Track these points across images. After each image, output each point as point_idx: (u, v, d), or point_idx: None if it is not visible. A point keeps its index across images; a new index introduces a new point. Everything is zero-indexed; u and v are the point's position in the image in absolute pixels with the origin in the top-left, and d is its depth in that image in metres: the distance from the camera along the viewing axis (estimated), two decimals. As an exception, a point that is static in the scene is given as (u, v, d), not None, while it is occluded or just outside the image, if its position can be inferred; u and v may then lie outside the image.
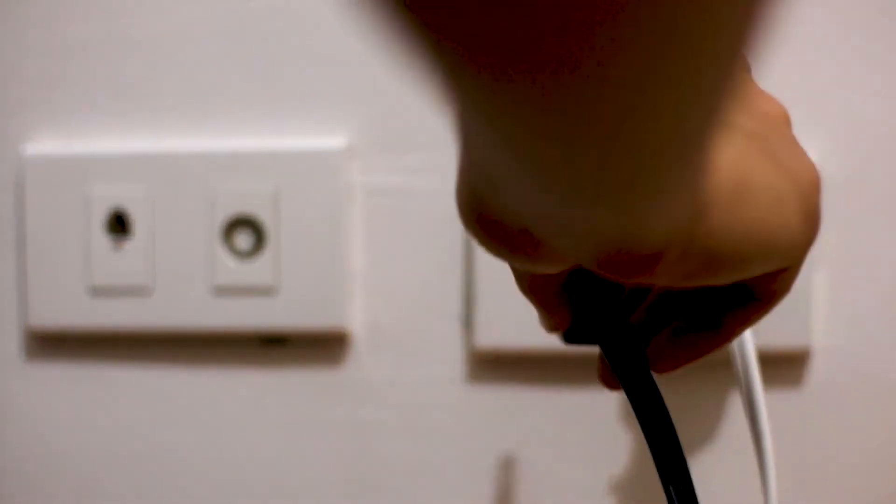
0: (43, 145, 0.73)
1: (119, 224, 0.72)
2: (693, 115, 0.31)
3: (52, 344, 0.74)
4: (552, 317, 0.48)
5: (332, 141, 0.71)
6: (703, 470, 0.69)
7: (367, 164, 0.72)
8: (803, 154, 0.44)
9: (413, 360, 0.72)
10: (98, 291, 0.72)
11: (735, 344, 0.58)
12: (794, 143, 0.45)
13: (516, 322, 0.69)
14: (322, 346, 0.72)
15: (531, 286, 0.48)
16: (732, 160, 0.39)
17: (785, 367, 0.69)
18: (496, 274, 0.69)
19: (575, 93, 0.26)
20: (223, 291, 0.71)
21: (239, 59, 0.72)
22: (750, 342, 0.58)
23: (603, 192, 0.32)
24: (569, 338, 0.48)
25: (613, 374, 0.47)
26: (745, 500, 0.68)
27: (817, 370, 0.69)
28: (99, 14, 0.73)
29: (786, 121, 0.45)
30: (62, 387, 0.74)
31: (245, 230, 0.72)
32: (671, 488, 0.46)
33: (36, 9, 0.74)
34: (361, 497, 0.72)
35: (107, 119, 0.73)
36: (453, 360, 0.71)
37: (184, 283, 0.72)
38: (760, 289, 0.45)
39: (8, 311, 0.75)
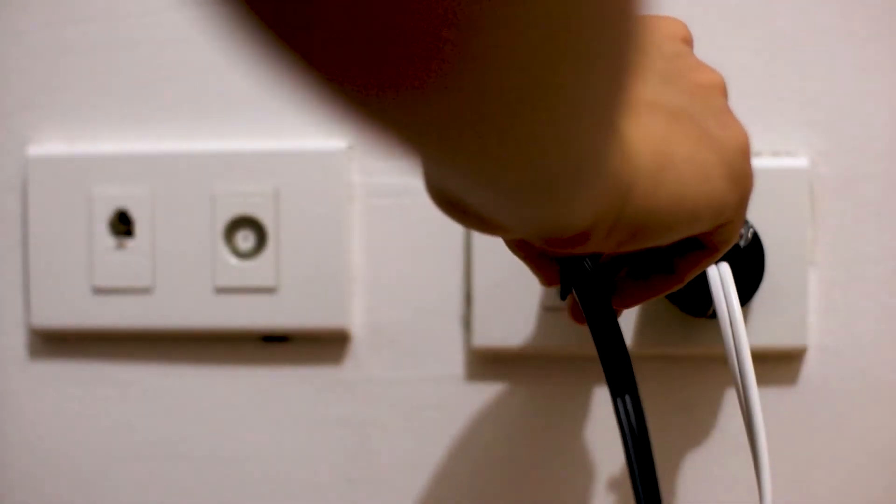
0: (46, 146, 0.74)
1: (122, 224, 0.73)
2: (579, 129, 0.33)
3: (56, 343, 0.75)
4: (540, 272, 0.53)
5: (332, 141, 0.72)
6: (699, 467, 0.70)
7: (367, 164, 0.72)
8: (731, 121, 0.47)
9: (413, 360, 0.72)
10: (101, 291, 0.73)
11: (730, 342, 0.59)
12: (722, 112, 0.47)
13: (515, 322, 0.69)
14: (322, 345, 0.73)
15: (516, 244, 0.53)
16: (654, 140, 0.42)
17: (780, 365, 0.69)
18: (495, 274, 0.69)
19: (454, 106, 0.28)
20: (224, 291, 0.72)
21: (240, 60, 0.72)
22: (745, 340, 0.59)
23: (522, 194, 0.36)
24: (563, 293, 0.53)
25: (582, 309, 0.52)
26: (740, 498, 0.69)
27: (812, 368, 0.70)
28: (102, 15, 0.74)
29: (719, 89, 0.48)
30: (65, 385, 0.75)
31: (246, 230, 0.72)
32: (619, 401, 0.49)
33: (39, 10, 0.74)
34: (361, 495, 0.73)
35: (109, 120, 0.74)
36: (453, 360, 0.72)
37: (186, 282, 0.72)
38: (704, 240, 0.49)
39: (11, 311, 0.75)
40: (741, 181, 0.46)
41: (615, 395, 0.50)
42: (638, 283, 0.53)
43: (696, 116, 0.45)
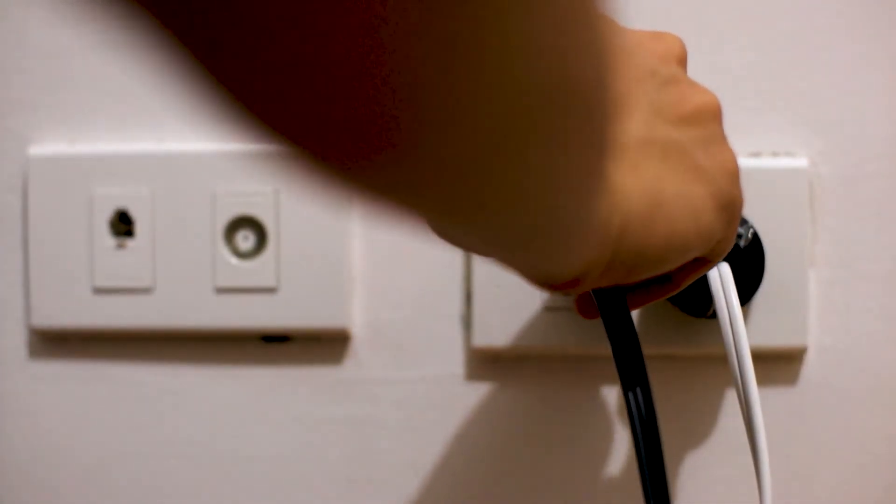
0: (47, 146, 0.74)
1: (122, 224, 0.73)
2: (560, 189, 0.33)
3: (56, 343, 0.75)
4: None
5: (333, 142, 0.72)
6: (699, 467, 0.70)
7: (368, 165, 0.72)
8: (721, 148, 0.48)
9: (413, 360, 0.72)
10: (101, 290, 0.73)
11: (730, 342, 0.59)
12: (714, 139, 0.47)
13: (515, 322, 0.69)
14: (322, 345, 0.73)
15: None
16: (646, 181, 0.43)
17: (780, 365, 0.69)
18: (495, 274, 0.69)
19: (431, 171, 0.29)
20: (225, 291, 0.72)
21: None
22: (745, 340, 0.59)
23: (506, 249, 0.38)
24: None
25: (591, 305, 0.53)
26: (740, 498, 0.69)
27: (812, 368, 0.70)
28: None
29: (712, 114, 0.48)
30: (66, 385, 0.75)
31: (246, 230, 0.72)
32: (630, 394, 0.50)
33: (39, 10, 0.74)
34: (361, 495, 0.73)
35: (110, 120, 0.74)
36: (453, 360, 0.72)
37: (186, 282, 0.72)
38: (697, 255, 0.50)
39: (12, 310, 0.75)
40: (729, 206, 0.47)
41: (626, 389, 0.50)
42: (636, 291, 0.54)
43: (686, 148, 0.45)
